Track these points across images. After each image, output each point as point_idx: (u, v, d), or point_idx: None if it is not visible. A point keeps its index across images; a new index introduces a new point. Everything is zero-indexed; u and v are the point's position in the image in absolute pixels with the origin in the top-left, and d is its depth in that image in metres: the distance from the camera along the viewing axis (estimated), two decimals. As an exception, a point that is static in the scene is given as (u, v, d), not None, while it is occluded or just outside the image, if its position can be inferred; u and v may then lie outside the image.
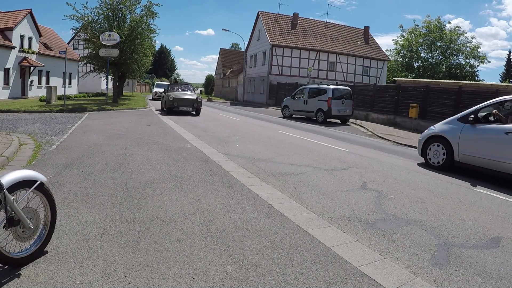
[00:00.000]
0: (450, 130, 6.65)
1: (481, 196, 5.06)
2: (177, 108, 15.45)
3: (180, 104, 15.51)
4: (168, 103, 15.64)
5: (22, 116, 12.61)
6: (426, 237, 3.35)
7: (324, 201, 4.26)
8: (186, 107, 15.67)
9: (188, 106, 15.70)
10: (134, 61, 22.84)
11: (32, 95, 26.32)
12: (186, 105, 15.66)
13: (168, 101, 15.58)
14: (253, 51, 38.02)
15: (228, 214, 3.59)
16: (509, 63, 51.29)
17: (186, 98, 15.83)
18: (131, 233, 2.99)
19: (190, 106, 15.75)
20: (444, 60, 39.80)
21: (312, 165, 6.37)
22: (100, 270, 2.38)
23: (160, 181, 4.65)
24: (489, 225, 3.80)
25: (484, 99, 8.40)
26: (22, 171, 2.42)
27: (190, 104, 15.76)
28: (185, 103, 15.66)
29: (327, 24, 37.03)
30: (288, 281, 2.39)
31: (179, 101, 15.60)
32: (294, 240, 3.06)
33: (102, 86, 37.73)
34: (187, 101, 15.77)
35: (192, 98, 15.91)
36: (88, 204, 3.64)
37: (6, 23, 23.79)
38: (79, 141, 7.44)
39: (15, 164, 5.16)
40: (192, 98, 15.91)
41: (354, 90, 18.95)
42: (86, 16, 20.21)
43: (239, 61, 51.57)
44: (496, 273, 2.72)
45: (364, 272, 2.57)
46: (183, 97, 15.79)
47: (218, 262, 2.60)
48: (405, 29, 41.82)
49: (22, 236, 2.34)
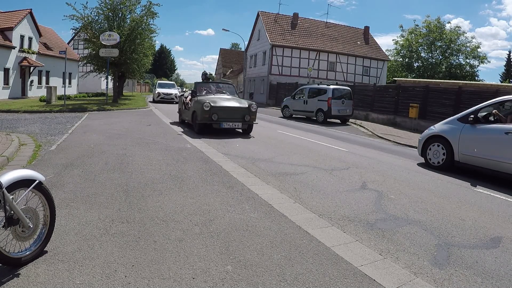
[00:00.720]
0: (450, 130, 6.65)
1: (481, 196, 5.06)
2: (217, 123, 9.21)
3: (222, 117, 9.24)
4: (200, 115, 9.25)
5: (22, 116, 12.61)
6: (426, 237, 3.35)
7: (324, 201, 4.26)
8: (233, 122, 9.40)
9: (235, 121, 9.44)
10: (134, 61, 22.84)
11: (32, 95, 26.31)
12: (232, 119, 9.41)
13: (201, 112, 9.18)
14: (253, 51, 38.02)
15: (228, 214, 3.59)
16: (509, 63, 51.28)
17: (232, 107, 9.55)
18: (131, 233, 2.99)
19: (238, 120, 9.47)
20: (444, 60, 39.79)
21: (312, 165, 6.37)
22: (100, 270, 2.38)
23: (160, 181, 4.65)
24: (489, 225, 3.80)
25: (484, 99, 8.40)
26: (20, 171, 2.42)
27: (239, 117, 9.49)
28: (230, 115, 9.43)
29: (327, 24, 37.03)
30: (288, 281, 2.38)
31: (221, 111, 9.27)
32: (294, 240, 3.06)
33: (102, 86, 37.72)
34: (233, 111, 9.52)
35: (241, 106, 9.60)
36: (88, 204, 3.64)
37: (6, 23, 23.79)
38: (79, 141, 7.44)
39: (15, 164, 5.16)
40: (242, 106, 9.59)
41: (354, 90, 18.94)
42: (86, 16, 20.22)
43: (239, 61, 51.57)
44: (496, 273, 2.72)
45: (364, 272, 2.57)
46: (226, 106, 9.48)
47: (218, 262, 2.60)
48: (405, 29, 41.82)
49: (22, 235, 2.34)
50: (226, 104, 9.57)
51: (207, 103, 9.14)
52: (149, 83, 58.64)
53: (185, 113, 11.14)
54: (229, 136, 9.48)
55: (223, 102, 9.65)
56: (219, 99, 9.89)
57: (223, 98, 10.11)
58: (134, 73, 26.18)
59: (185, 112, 11.13)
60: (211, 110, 9.11)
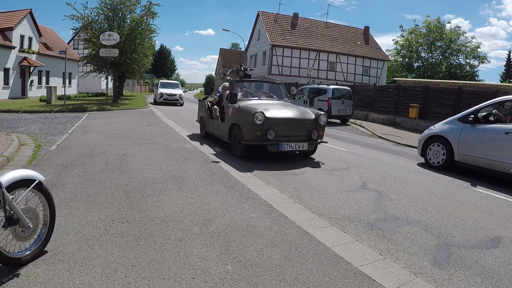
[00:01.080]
0: (450, 130, 6.65)
1: (481, 196, 5.06)
2: (274, 144, 6.19)
3: (281, 135, 6.29)
4: (248, 132, 6.23)
5: (22, 116, 12.61)
6: (426, 237, 3.35)
7: (324, 201, 4.26)
8: (296, 142, 6.37)
9: (299, 140, 6.42)
10: (134, 61, 22.85)
11: (32, 95, 26.31)
12: (294, 137, 6.42)
13: (250, 126, 6.17)
14: (253, 51, 38.04)
15: (228, 214, 3.59)
16: (509, 63, 51.28)
17: (294, 119, 6.51)
18: (131, 233, 2.99)
19: (303, 138, 6.48)
20: (444, 60, 39.79)
21: (312, 165, 6.37)
22: (100, 270, 2.38)
23: (160, 181, 4.65)
24: (489, 225, 3.79)
25: (484, 99, 8.40)
26: (20, 171, 2.42)
27: (304, 134, 6.51)
28: (292, 132, 6.45)
29: (327, 24, 37.04)
30: (288, 281, 2.38)
31: (280, 126, 6.32)
32: (294, 240, 3.06)
33: (102, 86, 37.70)
34: (296, 125, 6.52)
35: (306, 119, 6.61)
36: (88, 204, 3.64)
37: (6, 23, 23.79)
38: (79, 141, 7.44)
39: (15, 164, 5.16)
40: (307, 119, 6.61)
41: (354, 90, 18.93)
42: (86, 16, 20.25)
43: (239, 61, 51.45)
44: (496, 273, 2.72)
45: (364, 272, 2.57)
46: (287, 118, 6.48)
47: (218, 262, 2.60)
48: (405, 29, 41.80)
49: (22, 235, 2.34)
50: (285, 115, 6.38)
51: (259, 113, 5.99)
52: (149, 83, 58.58)
53: (213, 125, 8.07)
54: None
55: (280, 111, 6.43)
56: (273, 106, 6.64)
57: (277, 105, 6.83)
58: (134, 73, 26.18)
59: (213, 124, 8.06)
60: (265, 124, 5.99)
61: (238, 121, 6.56)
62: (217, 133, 7.85)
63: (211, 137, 8.74)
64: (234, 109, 6.81)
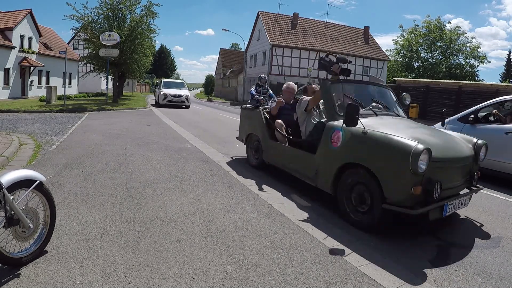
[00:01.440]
0: (450, 130, 6.64)
1: (481, 196, 5.06)
2: (438, 211, 3.24)
3: (445, 187, 3.28)
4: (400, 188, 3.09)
5: (22, 116, 12.61)
6: (426, 237, 3.35)
7: (324, 201, 4.25)
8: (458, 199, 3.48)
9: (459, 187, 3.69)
10: (134, 61, 22.84)
11: (32, 95, 26.31)
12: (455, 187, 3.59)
13: (404, 176, 3.05)
14: (253, 51, 38.04)
15: (228, 214, 3.59)
16: (509, 63, 51.30)
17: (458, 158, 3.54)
18: (131, 233, 2.99)
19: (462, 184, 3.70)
20: (444, 60, 39.81)
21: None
22: (100, 270, 2.38)
23: (160, 181, 4.65)
24: (489, 225, 3.79)
25: (484, 99, 8.39)
26: (21, 171, 2.42)
27: (464, 178, 3.71)
28: (455, 178, 3.55)
29: (327, 24, 37.05)
30: (288, 281, 2.38)
31: (445, 171, 3.39)
32: (294, 240, 3.06)
33: (102, 86, 37.71)
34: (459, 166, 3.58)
35: (465, 154, 3.65)
36: (88, 204, 3.64)
37: (6, 23, 23.79)
38: (79, 141, 7.44)
39: (15, 164, 5.16)
40: (465, 154, 3.66)
41: (354, 90, 18.91)
42: (86, 16, 20.26)
43: (239, 61, 51.56)
44: (496, 273, 2.72)
45: (364, 272, 2.57)
46: (452, 158, 3.49)
47: (218, 262, 2.60)
48: (405, 29, 41.85)
49: (22, 235, 2.34)
50: (450, 150, 3.62)
51: (425, 151, 3.05)
52: (149, 83, 58.56)
53: (281, 152, 5.12)
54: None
55: (437, 142, 3.58)
56: (416, 131, 3.78)
57: (419, 129, 4.00)
58: (134, 73, 26.18)
59: (281, 151, 5.11)
60: (428, 171, 3.10)
61: (369, 163, 3.41)
62: (293, 169, 4.72)
63: (211, 137, 8.73)
64: (357, 137, 3.62)
